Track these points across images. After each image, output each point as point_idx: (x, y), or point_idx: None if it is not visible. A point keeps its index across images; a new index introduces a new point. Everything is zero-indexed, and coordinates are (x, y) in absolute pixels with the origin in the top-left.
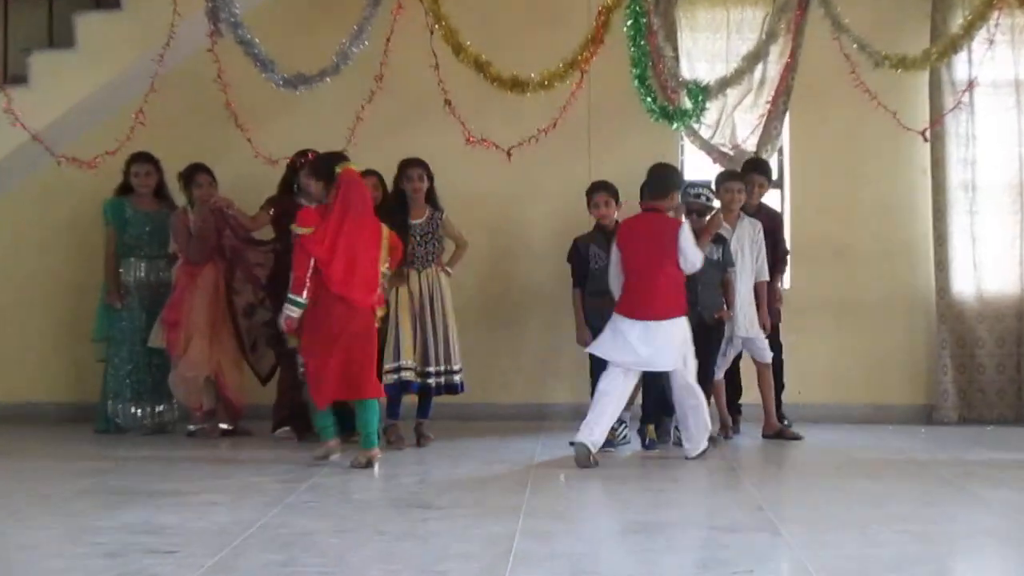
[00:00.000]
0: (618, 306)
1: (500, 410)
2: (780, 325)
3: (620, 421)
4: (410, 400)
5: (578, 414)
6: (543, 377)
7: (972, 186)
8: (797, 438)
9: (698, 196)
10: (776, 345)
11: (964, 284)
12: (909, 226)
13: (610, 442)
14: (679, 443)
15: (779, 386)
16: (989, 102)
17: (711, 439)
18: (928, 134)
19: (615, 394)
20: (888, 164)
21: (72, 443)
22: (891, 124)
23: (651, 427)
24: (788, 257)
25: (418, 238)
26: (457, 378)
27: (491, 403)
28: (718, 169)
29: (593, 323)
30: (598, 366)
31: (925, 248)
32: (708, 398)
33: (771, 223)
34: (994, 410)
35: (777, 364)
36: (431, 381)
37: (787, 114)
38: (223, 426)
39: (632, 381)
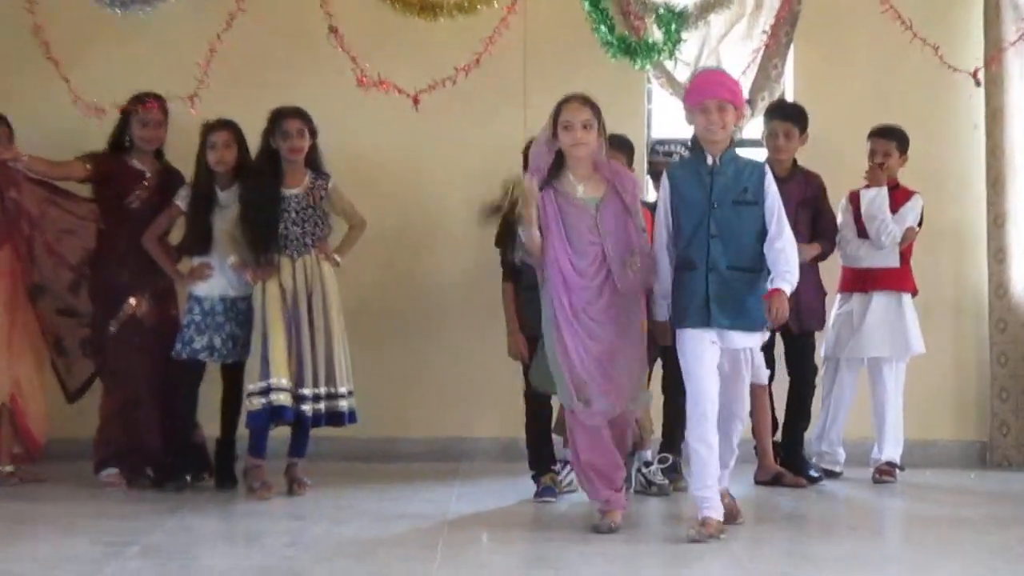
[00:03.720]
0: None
1: (403, 448)
2: (780, 335)
3: (564, 463)
4: (281, 433)
5: (506, 451)
6: (462, 403)
7: None
8: (799, 485)
9: (669, 155)
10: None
11: None
12: (956, 202)
13: (549, 489)
14: (646, 488)
15: (802, 420)
16: None
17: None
18: (981, 76)
19: None
20: (927, 117)
21: None
22: (932, 63)
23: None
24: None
25: (294, 214)
26: (344, 404)
27: (390, 438)
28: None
29: (531, 327)
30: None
31: (978, 231)
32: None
33: (806, 190)
34: None
35: (804, 389)
36: (307, 408)
37: (791, 49)
38: (7, 468)
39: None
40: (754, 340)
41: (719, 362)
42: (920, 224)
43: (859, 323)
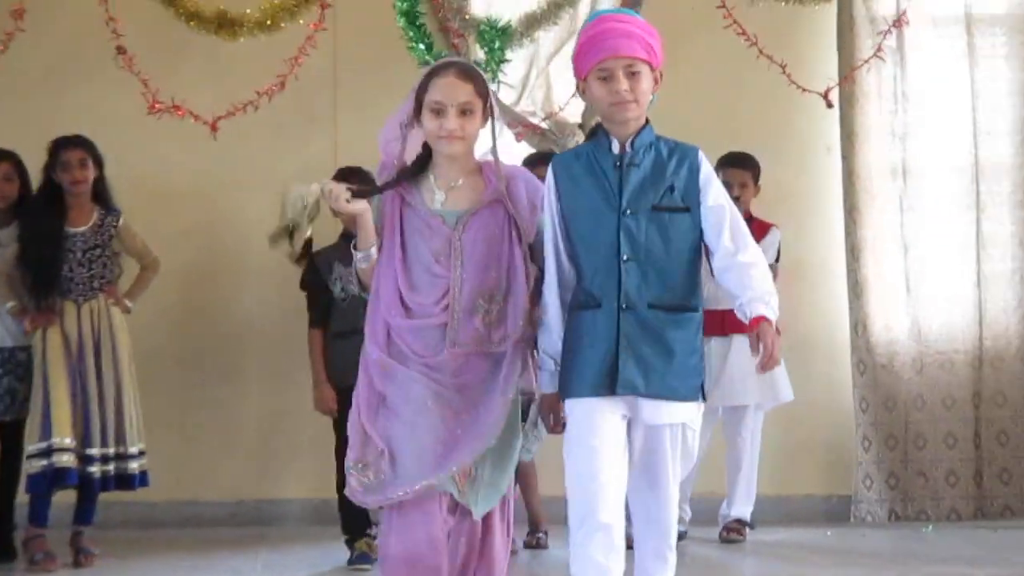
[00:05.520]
0: None
1: (202, 511)
2: None
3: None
4: (65, 498)
5: (318, 514)
6: (269, 461)
7: (903, 170)
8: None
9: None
10: None
11: (893, 314)
12: (812, 231)
13: (364, 556)
14: None
15: None
16: (927, 48)
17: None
18: (833, 96)
19: None
20: (778, 139)
21: None
22: (782, 81)
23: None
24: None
25: (80, 254)
26: (135, 465)
27: (188, 501)
28: (526, 149)
29: (339, 377)
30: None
31: (836, 263)
32: None
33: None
34: (942, 502)
35: None
36: (95, 469)
37: None
38: None
39: None
40: (687, 413)
41: (630, 449)
42: (777, 259)
43: (720, 370)
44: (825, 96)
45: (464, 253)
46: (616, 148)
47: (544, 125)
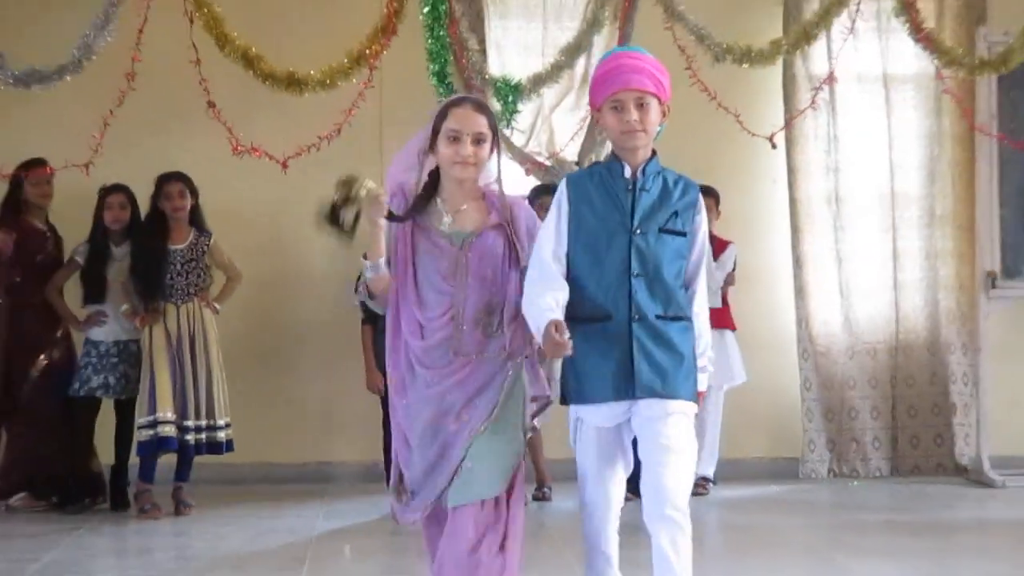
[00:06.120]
0: None
1: (274, 471)
2: None
3: None
4: (167, 460)
5: (368, 473)
6: (326, 431)
7: (836, 198)
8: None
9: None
10: None
11: (829, 313)
12: (765, 246)
13: None
14: None
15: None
16: (853, 100)
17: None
18: (777, 139)
19: None
20: (735, 174)
21: None
22: (736, 127)
23: None
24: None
25: (179, 267)
26: (222, 435)
27: (263, 463)
28: (532, 182)
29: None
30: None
31: (784, 272)
32: None
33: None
34: (869, 463)
35: None
36: (190, 438)
37: None
38: None
39: None
40: (684, 407)
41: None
42: (734, 269)
43: None
44: (771, 139)
45: (469, 270)
46: (628, 173)
47: (547, 163)
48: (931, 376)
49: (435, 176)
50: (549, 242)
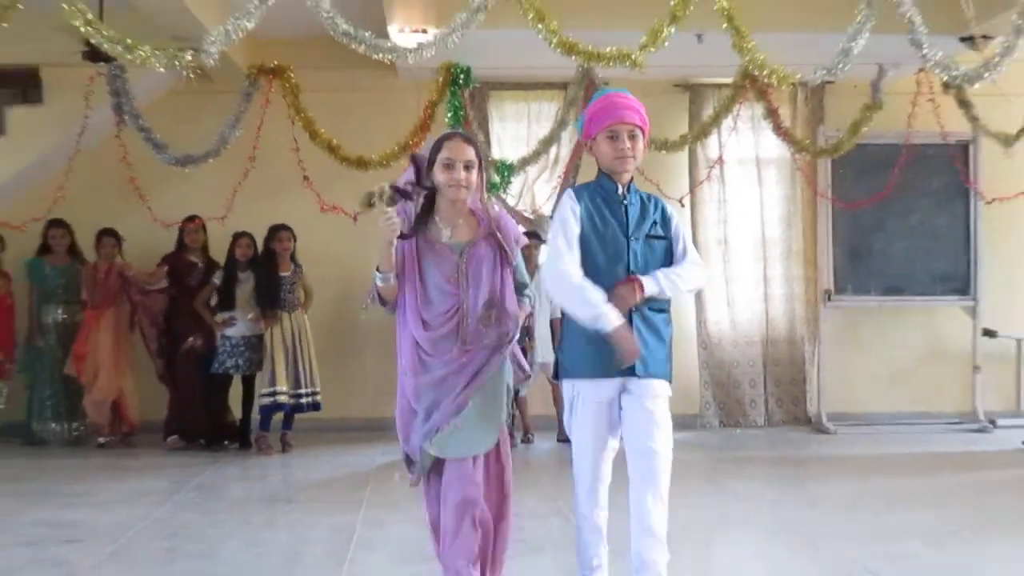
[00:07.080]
0: None
1: (347, 423)
2: None
3: None
4: (277, 416)
5: None
6: (381, 394)
7: (725, 241)
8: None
9: (529, 236)
10: None
11: (720, 316)
12: None
13: None
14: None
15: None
16: (736, 175)
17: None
18: (686, 200)
19: None
20: None
21: (2, 455)
22: (657, 192)
23: None
24: None
25: (287, 287)
26: (319, 398)
27: (340, 417)
28: (520, 230)
29: None
30: None
31: None
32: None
33: None
34: (748, 417)
35: None
36: (304, 401)
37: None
38: (104, 440)
39: None
40: (664, 388)
41: (624, 409)
42: None
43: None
44: (680, 201)
45: (470, 275)
46: (620, 191)
47: (531, 217)
48: (790, 359)
49: (430, 199)
50: (566, 246)
